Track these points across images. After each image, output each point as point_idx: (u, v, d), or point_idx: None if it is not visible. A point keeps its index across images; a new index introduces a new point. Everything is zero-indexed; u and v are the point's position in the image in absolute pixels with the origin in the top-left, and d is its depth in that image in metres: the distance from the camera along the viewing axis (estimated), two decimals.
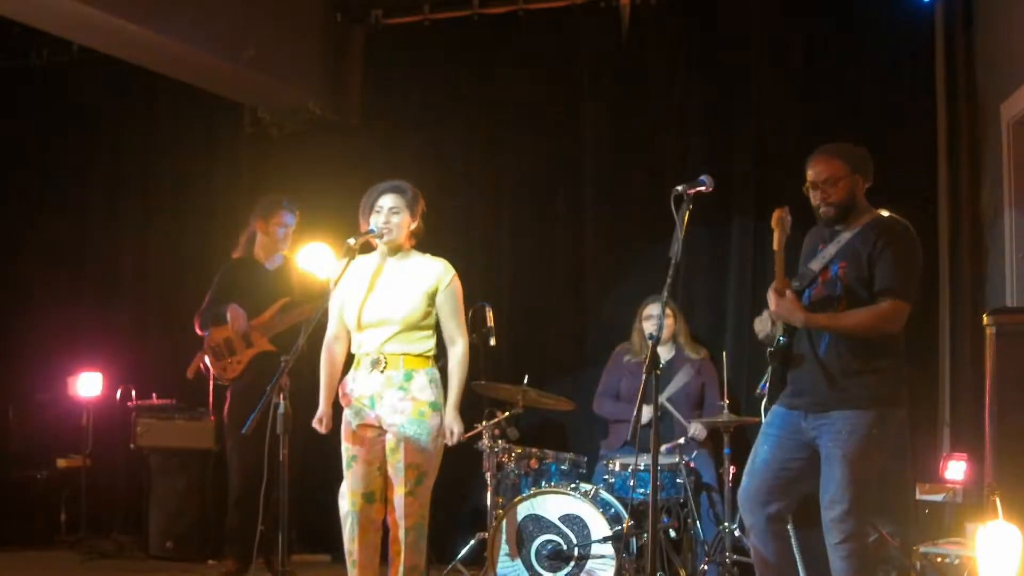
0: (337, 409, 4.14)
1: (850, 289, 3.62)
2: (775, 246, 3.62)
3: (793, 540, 3.83)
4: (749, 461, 3.79)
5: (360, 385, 4.01)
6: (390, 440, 3.95)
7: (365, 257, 4.16)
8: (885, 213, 3.74)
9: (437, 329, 4.14)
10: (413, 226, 4.09)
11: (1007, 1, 5.02)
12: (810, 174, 3.72)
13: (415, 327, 3.98)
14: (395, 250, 4.09)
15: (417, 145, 6.42)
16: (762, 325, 3.83)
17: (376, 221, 4.03)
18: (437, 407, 3.99)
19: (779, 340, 3.70)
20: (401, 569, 3.93)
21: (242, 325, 5.46)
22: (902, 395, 3.69)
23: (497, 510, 4.96)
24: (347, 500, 4.01)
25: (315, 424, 4.12)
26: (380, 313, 4.00)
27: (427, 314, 4.02)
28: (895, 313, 3.58)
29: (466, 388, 5.15)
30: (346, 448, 4.04)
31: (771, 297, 3.64)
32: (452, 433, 4.02)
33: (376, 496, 4.00)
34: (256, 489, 4.17)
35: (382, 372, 3.96)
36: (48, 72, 7.17)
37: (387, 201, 4.04)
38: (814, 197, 3.72)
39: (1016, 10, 4.84)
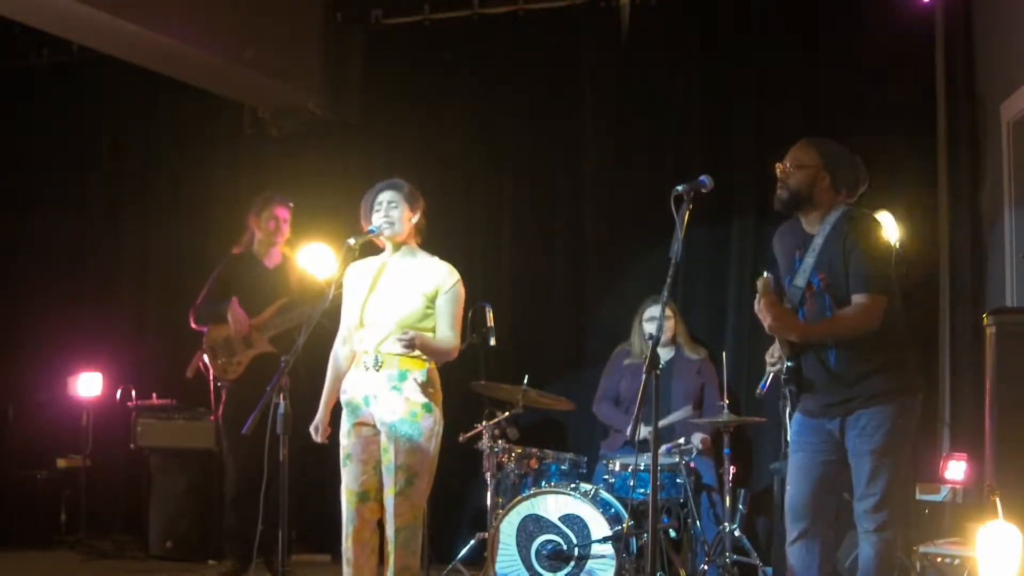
0: (336, 408, 4.13)
1: (837, 298, 3.62)
2: (764, 302, 3.60)
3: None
4: (788, 475, 3.79)
5: (358, 383, 4.00)
6: (382, 440, 3.95)
7: (371, 259, 4.16)
8: (843, 208, 3.71)
9: None
10: (414, 220, 4.09)
11: (1007, 1, 5.02)
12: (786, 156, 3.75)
13: (411, 328, 3.96)
14: (398, 246, 4.09)
15: (417, 145, 6.42)
16: (772, 359, 3.81)
17: (376, 218, 4.03)
18: (431, 408, 3.97)
19: (788, 364, 3.71)
20: (392, 569, 3.92)
21: (244, 327, 5.46)
22: (917, 381, 3.71)
23: (497, 510, 4.96)
24: (343, 498, 4.01)
25: (312, 431, 4.11)
26: (379, 312, 4.00)
27: (425, 316, 4.01)
28: (874, 307, 3.57)
29: (466, 388, 5.21)
30: (343, 446, 4.04)
31: (762, 315, 3.62)
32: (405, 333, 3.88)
33: (370, 495, 3.99)
34: (255, 489, 4.17)
35: (378, 371, 3.95)
36: (48, 72, 7.17)
37: (385, 196, 4.06)
38: (779, 176, 3.73)
39: (1016, 10, 4.85)
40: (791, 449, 3.81)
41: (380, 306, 4.01)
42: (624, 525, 4.73)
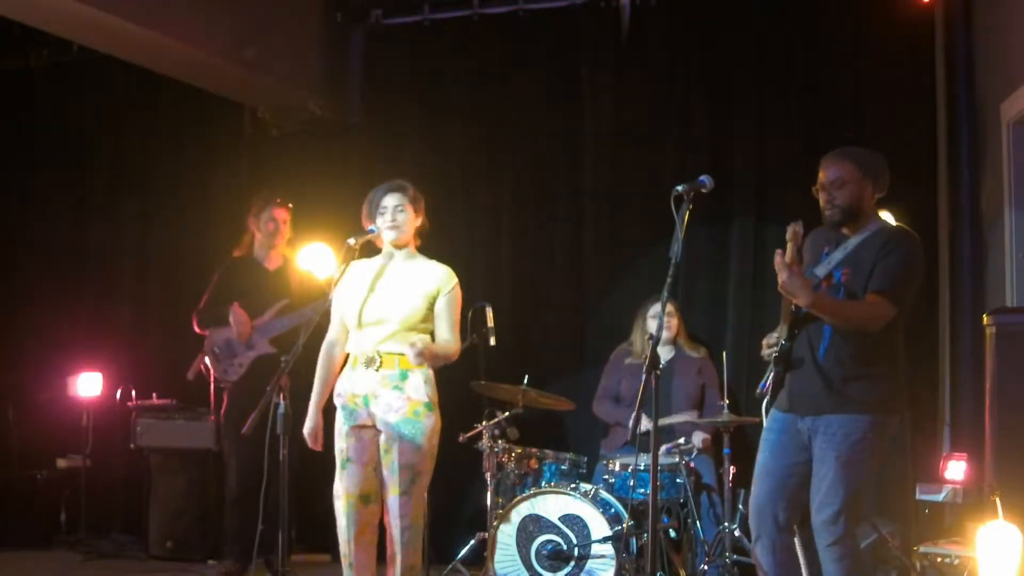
0: (329, 410, 4.12)
1: (853, 295, 3.60)
2: (787, 258, 3.56)
3: (796, 538, 3.83)
4: (755, 471, 3.78)
5: (354, 384, 4.00)
6: (384, 440, 3.95)
7: (369, 260, 4.16)
8: (894, 222, 3.72)
9: None
10: (418, 222, 4.09)
11: (1007, 1, 5.02)
12: (820, 175, 3.70)
13: (413, 328, 3.97)
14: (400, 248, 4.09)
15: (417, 145, 6.42)
16: (770, 341, 3.79)
17: (382, 222, 4.03)
18: (431, 407, 3.98)
19: (781, 344, 3.69)
20: (398, 570, 3.92)
21: (246, 329, 5.46)
22: (900, 400, 3.68)
23: (497, 510, 4.96)
24: (342, 501, 4.00)
25: (308, 438, 4.07)
26: (379, 312, 4.00)
27: (426, 317, 4.01)
28: (881, 311, 3.55)
29: (466, 388, 5.20)
30: (340, 449, 4.03)
31: (780, 268, 3.52)
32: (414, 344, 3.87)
33: (372, 497, 3.99)
34: (255, 489, 4.17)
35: (377, 371, 3.95)
36: (48, 72, 7.17)
37: (391, 200, 4.05)
38: (821, 198, 3.70)
39: (1016, 10, 4.85)
40: (760, 447, 3.80)
41: (380, 307, 4.00)
42: (624, 525, 4.73)
